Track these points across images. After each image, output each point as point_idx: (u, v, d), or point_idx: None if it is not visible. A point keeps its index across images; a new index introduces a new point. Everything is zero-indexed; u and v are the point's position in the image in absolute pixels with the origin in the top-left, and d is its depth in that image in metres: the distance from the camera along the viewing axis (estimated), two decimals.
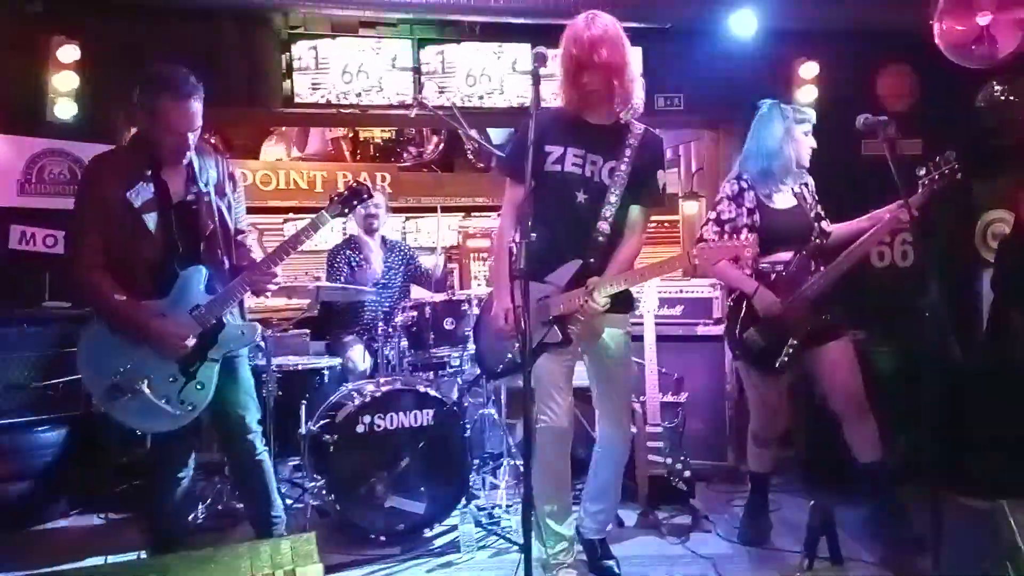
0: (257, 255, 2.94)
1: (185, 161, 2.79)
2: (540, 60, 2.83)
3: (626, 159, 2.80)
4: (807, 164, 3.45)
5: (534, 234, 2.37)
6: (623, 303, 2.94)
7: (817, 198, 3.51)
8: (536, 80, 2.63)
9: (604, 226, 2.80)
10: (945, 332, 2.75)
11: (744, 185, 3.41)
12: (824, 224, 3.47)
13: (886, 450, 3.42)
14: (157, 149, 2.76)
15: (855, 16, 5.21)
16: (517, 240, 2.42)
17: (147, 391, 2.69)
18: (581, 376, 3.06)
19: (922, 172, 3.21)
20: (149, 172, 2.75)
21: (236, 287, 2.80)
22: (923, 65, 5.33)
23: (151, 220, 2.73)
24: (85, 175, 2.80)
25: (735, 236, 3.25)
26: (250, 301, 3.17)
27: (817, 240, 3.37)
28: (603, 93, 2.76)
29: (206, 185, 2.81)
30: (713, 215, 3.44)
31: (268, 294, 2.95)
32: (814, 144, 3.44)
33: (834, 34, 5.35)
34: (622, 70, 2.74)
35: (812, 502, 2.99)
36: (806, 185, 3.48)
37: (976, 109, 5.31)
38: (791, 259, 3.32)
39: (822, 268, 3.32)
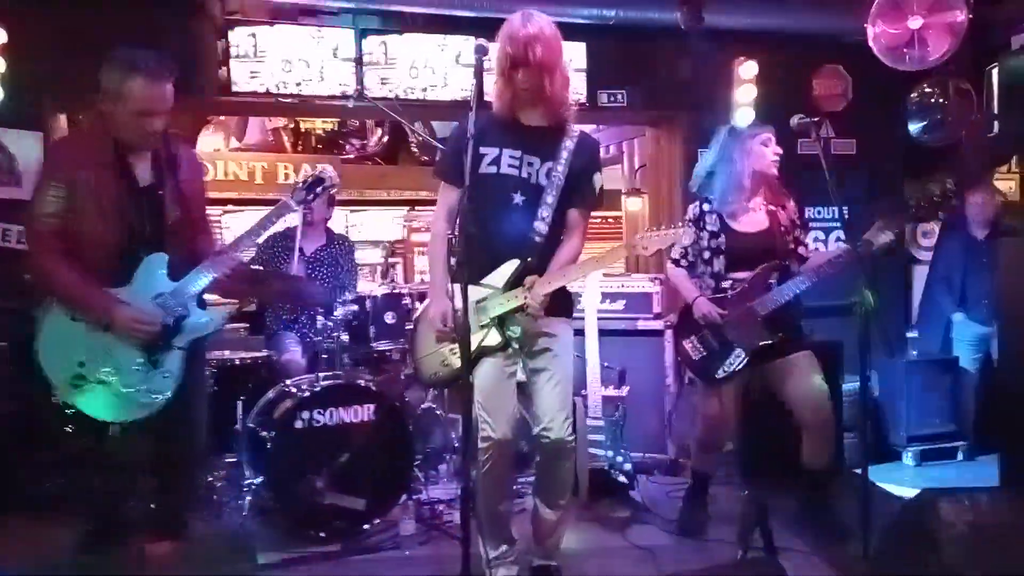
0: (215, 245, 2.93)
1: (150, 146, 2.73)
2: (482, 52, 2.81)
3: (563, 161, 2.79)
4: (769, 171, 3.45)
5: (472, 232, 2.36)
6: (563, 307, 2.91)
7: (798, 222, 3.53)
8: (479, 73, 2.62)
9: (541, 226, 2.78)
10: (872, 329, 2.82)
11: (706, 208, 3.46)
12: (802, 249, 3.51)
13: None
14: (123, 132, 2.68)
15: (793, 18, 5.31)
16: (455, 241, 2.40)
17: (113, 379, 2.63)
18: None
19: (912, 201, 3.21)
20: (113, 156, 2.68)
21: (196, 275, 2.75)
22: (857, 66, 5.46)
23: (115, 205, 2.67)
24: (47, 159, 2.76)
25: (698, 257, 3.42)
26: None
27: (787, 263, 3.42)
28: (537, 93, 2.74)
29: (170, 171, 2.76)
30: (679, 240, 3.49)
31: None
32: (778, 151, 3.44)
33: (773, 35, 5.44)
34: (554, 70, 2.73)
35: (745, 493, 3.04)
36: (783, 207, 3.49)
37: (908, 110, 5.46)
38: (748, 278, 3.38)
39: (779, 287, 3.36)
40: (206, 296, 2.99)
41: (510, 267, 2.77)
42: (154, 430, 2.81)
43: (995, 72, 3.68)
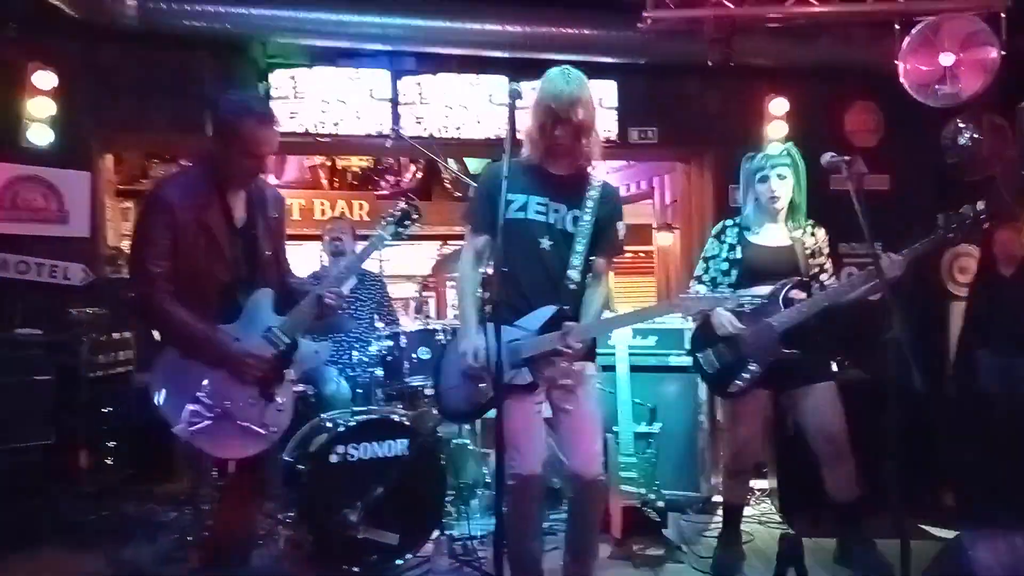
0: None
1: (249, 185, 2.81)
2: (516, 96, 2.92)
3: (588, 210, 2.88)
4: (770, 207, 3.46)
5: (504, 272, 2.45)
6: (592, 351, 2.98)
7: (826, 252, 3.54)
8: (512, 117, 2.75)
9: (574, 274, 2.86)
10: (909, 365, 2.80)
11: (729, 223, 3.54)
12: (824, 276, 3.50)
13: (860, 489, 3.45)
14: (231, 172, 2.74)
15: (824, 54, 5.35)
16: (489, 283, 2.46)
17: (232, 414, 2.62)
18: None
19: (941, 220, 3.21)
20: (218, 196, 2.73)
21: (306, 307, 2.79)
22: (890, 102, 5.47)
23: (221, 244, 2.71)
24: (155, 198, 2.68)
25: (718, 272, 3.45)
26: None
27: (808, 281, 3.42)
28: (570, 148, 2.84)
29: (261, 209, 2.83)
30: (703, 253, 3.59)
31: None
32: (775, 187, 3.45)
33: (803, 71, 5.49)
34: (591, 129, 2.84)
35: (781, 533, 3.01)
36: (813, 235, 3.51)
37: (942, 146, 5.44)
38: (768, 291, 3.37)
39: (796, 304, 3.36)
40: None
41: (547, 312, 2.83)
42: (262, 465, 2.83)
43: None
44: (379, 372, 3.94)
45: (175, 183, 2.74)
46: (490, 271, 2.94)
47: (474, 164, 7.97)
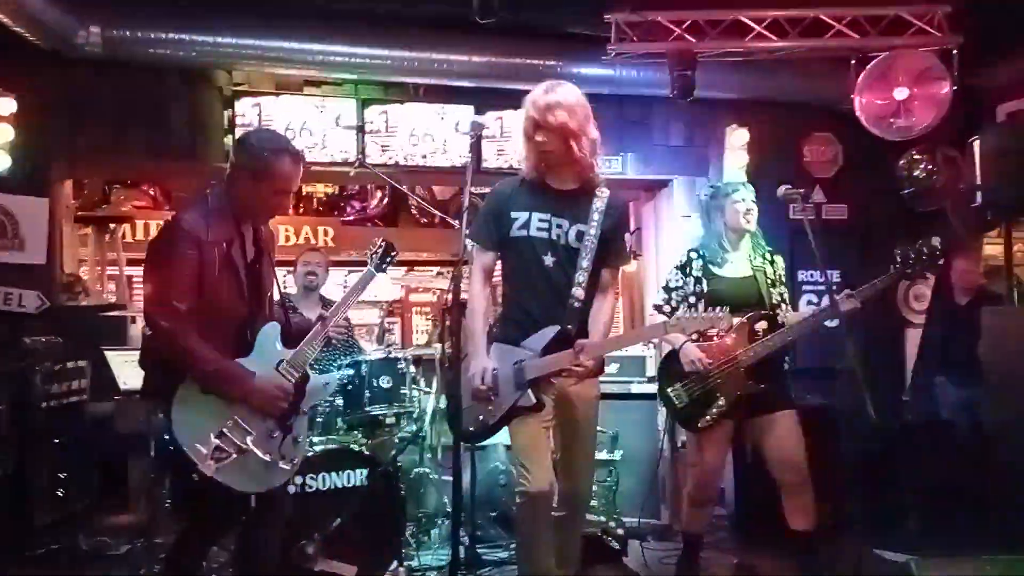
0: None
1: (265, 222, 2.84)
2: (477, 129, 2.97)
3: (594, 223, 2.84)
4: (745, 227, 3.52)
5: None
6: (599, 368, 2.99)
7: (784, 280, 3.59)
8: (475, 148, 2.81)
9: (579, 292, 2.83)
10: (863, 394, 2.85)
11: (693, 255, 3.57)
12: (784, 307, 3.54)
13: (818, 517, 3.49)
14: (254, 208, 2.73)
15: (783, 87, 5.47)
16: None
17: (255, 448, 2.60)
18: None
19: (898, 253, 3.27)
20: (235, 231, 2.72)
21: (312, 340, 2.80)
22: (847, 134, 5.60)
23: (238, 279, 2.71)
24: (181, 231, 2.64)
25: (682, 303, 3.48)
26: None
27: (772, 314, 3.47)
28: (561, 156, 2.81)
29: (263, 245, 2.83)
30: (663, 283, 3.62)
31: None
32: (749, 207, 3.51)
33: (764, 103, 5.60)
34: (579, 135, 2.79)
35: (735, 561, 3.03)
36: (772, 263, 3.57)
37: (897, 177, 5.57)
38: (736, 324, 3.39)
39: (763, 338, 3.40)
40: None
41: (550, 332, 2.81)
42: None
43: (976, 144, 3.77)
44: (339, 401, 3.91)
45: (198, 217, 2.68)
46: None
47: (441, 192, 8.00)
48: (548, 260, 2.85)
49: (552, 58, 5.24)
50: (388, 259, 3.07)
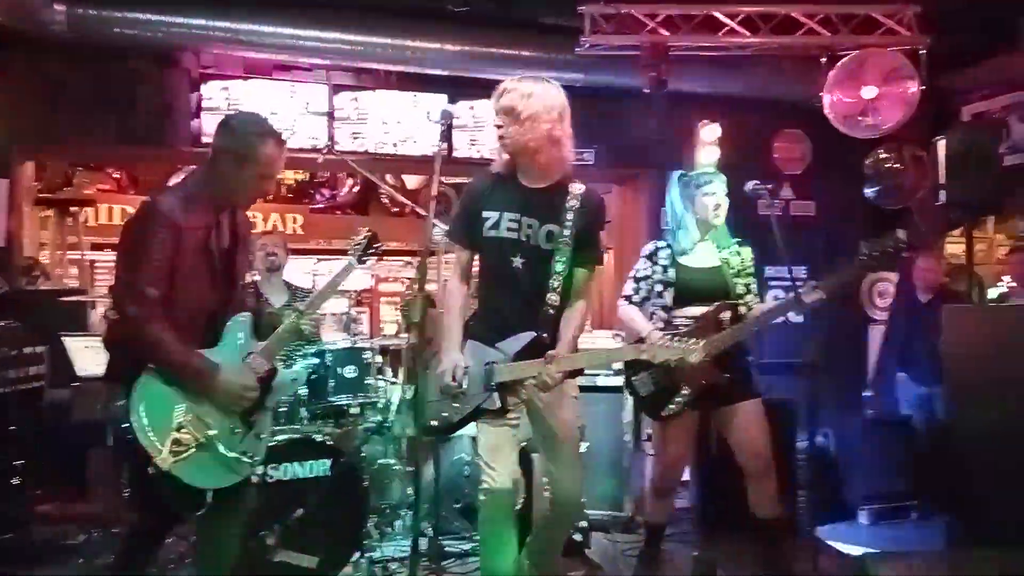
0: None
1: (246, 207, 2.77)
2: (447, 117, 2.92)
3: (568, 222, 2.75)
4: (713, 221, 3.52)
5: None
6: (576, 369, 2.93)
7: (751, 271, 3.58)
8: (446, 137, 2.81)
9: (554, 297, 2.75)
10: (820, 390, 2.88)
11: (661, 244, 3.56)
12: (750, 297, 3.53)
13: (781, 507, 3.53)
14: (235, 193, 2.65)
15: (755, 84, 5.50)
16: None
17: (217, 444, 2.53)
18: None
19: (864, 245, 3.27)
20: (213, 217, 2.64)
21: (285, 333, 2.73)
22: (817, 131, 5.64)
23: (210, 267, 2.63)
24: (158, 215, 2.53)
25: (651, 292, 3.48)
26: None
27: (737, 304, 3.47)
28: (523, 150, 2.74)
29: (239, 233, 2.75)
30: (632, 272, 3.58)
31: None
32: (720, 201, 3.50)
33: (735, 99, 5.62)
34: (536, 119, 2.69)
35: (695, 555, 3.05)
36: (739, 254, 3.56)
37: (864, 175, 5.63)
38: (701, 314, 3.43)
39: (729, 328, 3.40)
40: None
41: (525, 338, 2.75)
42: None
43: (940, 144, 3.82)
44: (303, 391, 3.87)
45: (176, 201, 2.59)
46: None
47: (412, 181, 7.95)
48: (517, 262, 2.78)
49: (526, 48, 5.22)
50: (371, 251, 3.02)
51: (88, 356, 4.43)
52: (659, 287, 3.50)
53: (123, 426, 2.51)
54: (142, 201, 2.73)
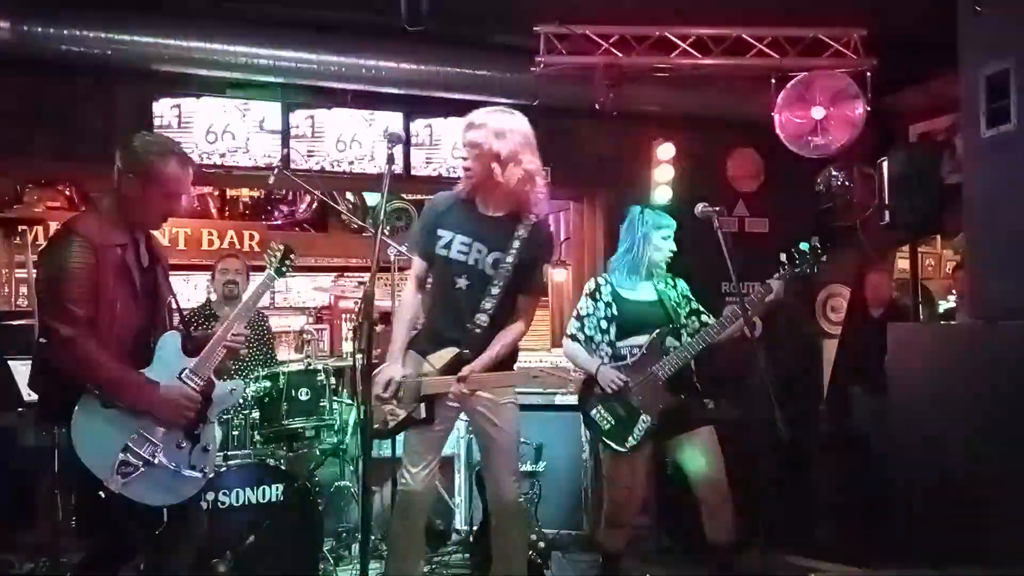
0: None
1: (158, 227, 2.82)
2: (395, 140, 2.97)
3: (513, 251, 2.89)
4: (661, 264, 3.62)
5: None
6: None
7: (691, 298, 3.68)
8: (391, 160, 2.84)
9: (483, 318, 2.88)
10: (774, 411, 2.92)
11: (601, 282, 3.63)
12: (704, 316, 3.62)
13: (737, 532, 3.56)
14: (145, 214, 2.69)
15: (708, 103, 5.58)
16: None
17: (163, 460, 2.54)
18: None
19: (783, 257, 3.42)
20: (130, 237, 2.67)
21: (216, 347, 2.75)
22: (770, 150, 5.71)
23: (135, 287, 2.65)
24: (76, 236, 2.55)
25: (595, 329, 3.54)
26: None
27: (678, 327, 3.55)
28: (483, 179, 2.88)
29: (156, 252, 2.80)
30: (575, 311, 3.66)
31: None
32: (672, 248, 3.63)
33: (689, 118, 5.69)
34: (505, 160, 2.84)
35: (656, 572, 3.07)
36: (674, 286, 3.65)
37: (816, 192, 5.74)
38: (645, 342, 3.48)
39: (677, 348, 3.46)
40: None
41: (448, 353, 2.90)
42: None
43: (885, 164, 3.91)
44: (256, 414, 3.82)
45: (92, 222, 2.65)
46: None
47: (372, 199, 7.92)
48: (461, 283, 2.92)
49: (481, 67, 5.24)
50: (287, 262, 3.07)
51: None
52: (603, 323, 3.56)
53: (67, 454, 2.50)
54: (58, 227, 2.79)
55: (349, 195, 7.85)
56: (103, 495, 2.46)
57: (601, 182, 5.91)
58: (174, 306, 2.88)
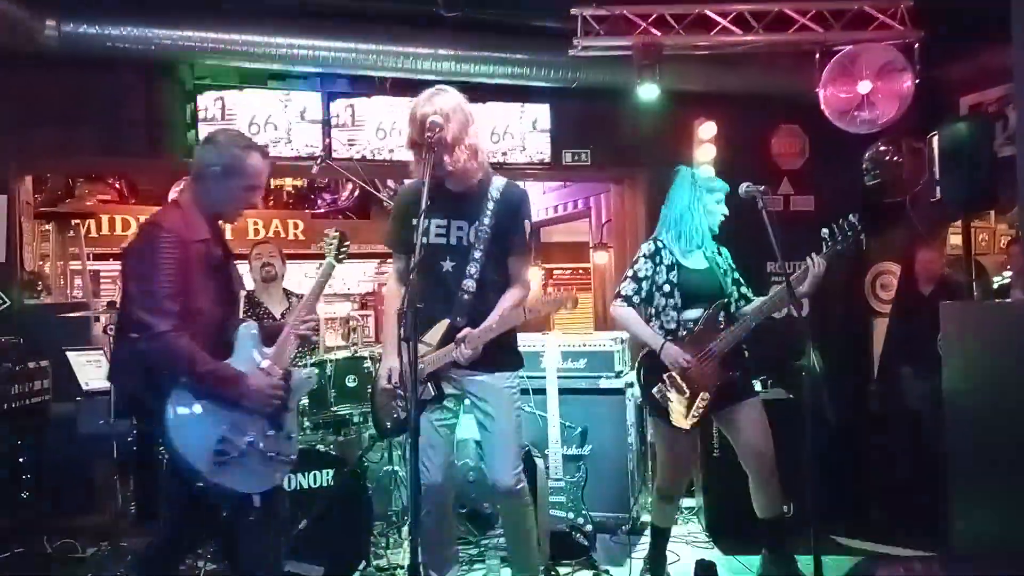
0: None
1: (235, 221, 2.92)
2: (435, 127, 2.95)
3: (489, 214, 2.93)
4: (715, 231, 3.56)
5: (420, 305, 2.50)
6: (504, 359, 3.02)
7: (733, 266, 3.62)
8: (432, 148, 2.81)
9: (469, 283, 2.92)
10: (820, 394, 2.88)
11: (661, 244, 3.54)
12: (744, 289, 3.58)
13: (785, 506, 3.55)
14: (225, 206, 2.77)
15: (750, 80, 5.48)
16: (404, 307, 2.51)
17: (255, 449, 2.63)
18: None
19: (825, 233, 3.34)
20: (211, 231, 2.74)
21: (289, 336, 2.83)
22: (814, 126, 5.60)
23: (217, 279, 2.73)
24: (163, 233, 2.60)
25: (654, 292, 3.47)
26: None
27: (735, 302, 3.51)
28: (441, 166, 2.87)
29: (227, 245, 2.87)
30: (631, 272, 3.54)
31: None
32: (725, 211, 3.55)
33: (731, 96, 5.61)
34: (453, 146, 2.86)
35: (697, 560, 3.06)
36: (719, 252, 3.59)
37: (863, 168, 5.62)
38: (700, 316, 3.43)
39: (730, 327, 3.43)
40: None
41: (441, 327, 2.94)
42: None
43: (935, 139, 3.80)
44: (305, 401, 3.88)
45: (177, 218, 2.69)
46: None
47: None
48: (447, 265, 2.95)
49: (518, 51, 5.22)
50: (343, 249, 3.12)
51: (91, 370, 4.47)
52: (666, 287, 3.48)
53: (159, 445, 2.56)
54: (143, 223, 2.81)
55: (390, 182, 7.90)
56: (201, 485, 2.53)
57: (642, 163, 5.86)
58: (246, 297, 2.95)
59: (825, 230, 3.35)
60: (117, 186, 7.56)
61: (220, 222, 2.83)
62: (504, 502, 3.08)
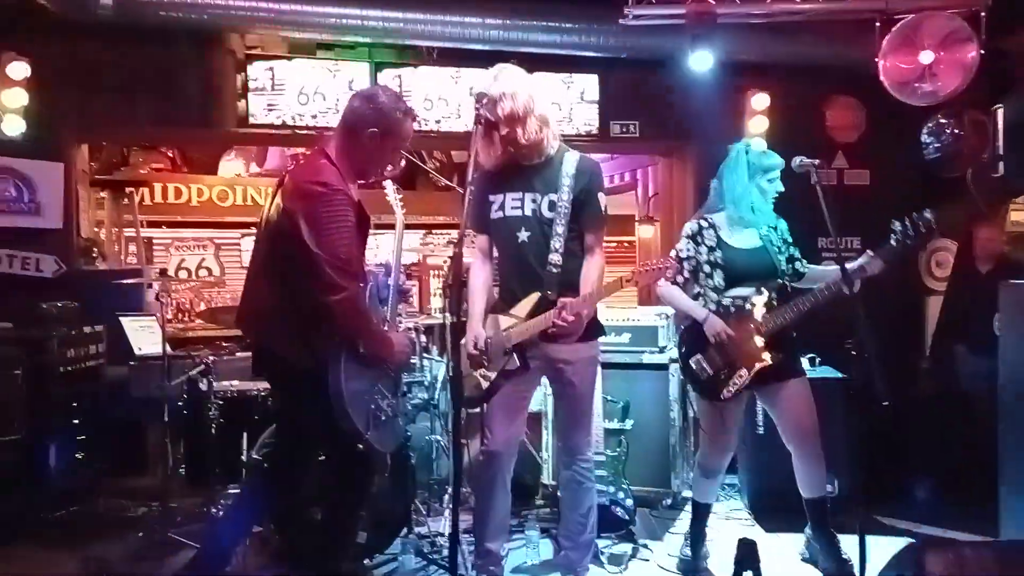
0: None
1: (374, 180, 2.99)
2: (481, 98, 2.95)
3: (566, 189, 2.95)
4: (767, 207, 3.48)
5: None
6: (589, 330, 3.02)
7: (790, 240, 3.55)
8: (479, 120, 2.89)
9: (555, 257, 2.94)
10: (871, 374, 2.82)
11: (704, 224, 3.49)
12: (798, 264, 3.53)
13: (829, 485, 3.51)
14: (373, 165, 2.83)
15: (805, 50, 5.32)
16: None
17: (395, 408, 2.72)
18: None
19: (897, 227, 3.25)
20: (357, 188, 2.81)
21: (397, 294, 2.95)
22: (871, 98, 5.43)
23: (365, 237, 2.80)
24: (337, 193, 2.59)
25: (697, 272, 3.44)
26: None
27: (786, 280, 3.46)
28: (514, 143, 2.94)
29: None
30: (674, 252, 3.54)
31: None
32: (780, 189, 3.48)
33: (785, 67, 5.46)
34: (525, 120, 2.90)
35: (739, 538, 3.04)
36: (775, 228, 3.52)
37: (923, 141, 5.44)
38: (749, 294, 3.38)
39: (779, 309, 3.37)
40: None
41: (531, 300, 2.95)
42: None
43: (1000, 112, 3.65)
44: None
45: (338, 177, 2.65)
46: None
47: (459, 156, 7.93)
48: (523, 236, 2.98)
49: (567, 21, 5.15)
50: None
51: (144, 336, 4.58)
52: (707, 267, 3.44)
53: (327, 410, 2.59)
54: (312, 182, 2.65)
55: (437, 153, 7.90)
56: (362, 447, 2.62)
57: (691, 136, 5.75)
58: None
59: (897, 223, 3.23)
60: (170, 155, 7.68)
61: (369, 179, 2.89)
62: (574, 470, 3.12)
